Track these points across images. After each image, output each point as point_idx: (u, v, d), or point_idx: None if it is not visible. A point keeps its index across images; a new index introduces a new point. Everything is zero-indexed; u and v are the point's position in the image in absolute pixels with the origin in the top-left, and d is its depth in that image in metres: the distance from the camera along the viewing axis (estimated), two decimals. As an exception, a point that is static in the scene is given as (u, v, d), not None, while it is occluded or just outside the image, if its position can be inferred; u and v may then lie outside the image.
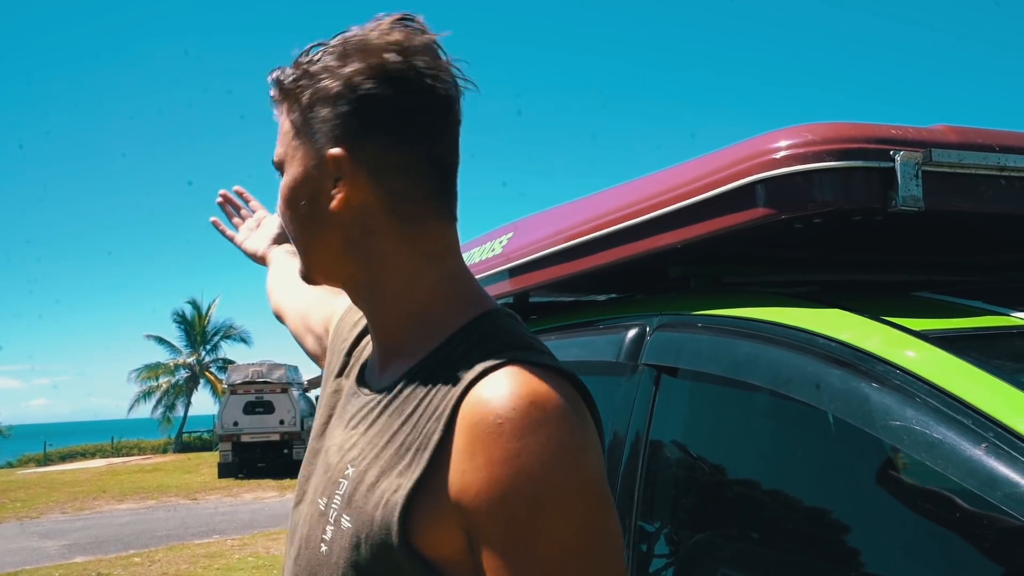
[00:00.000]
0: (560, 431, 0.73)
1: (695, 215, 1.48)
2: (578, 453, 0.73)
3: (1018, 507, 0.89)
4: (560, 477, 0.71)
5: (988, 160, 1.31)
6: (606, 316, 1.89)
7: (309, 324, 1.30)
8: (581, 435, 0.75)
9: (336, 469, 0.85)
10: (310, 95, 0.86)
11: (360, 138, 0.85)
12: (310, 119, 0.87)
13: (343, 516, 0.81)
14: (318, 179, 0.87)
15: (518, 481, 0.71)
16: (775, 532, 1.41)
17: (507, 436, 0.72)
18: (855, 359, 1.16)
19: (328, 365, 1.09)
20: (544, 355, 0.81)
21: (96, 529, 11.74)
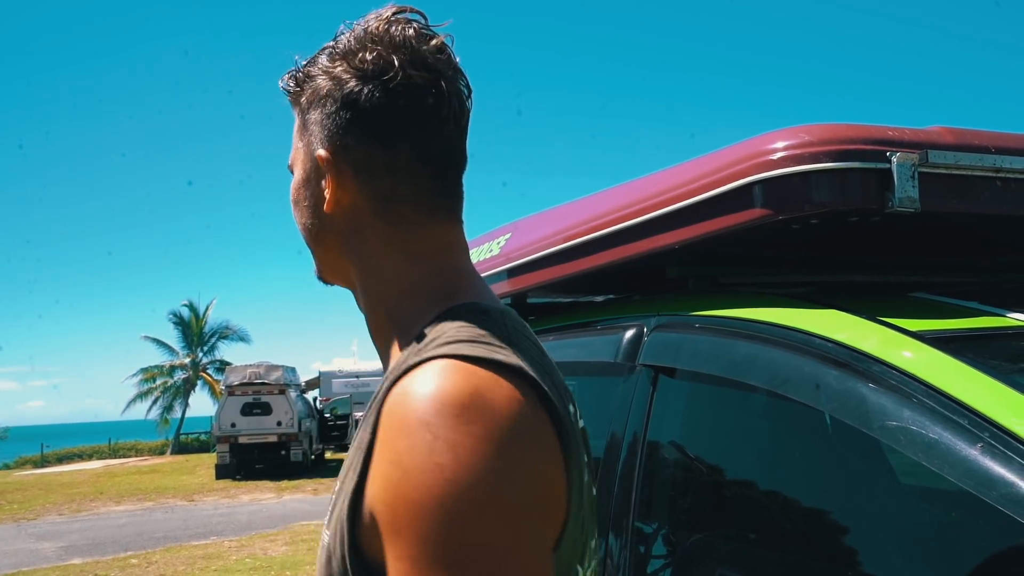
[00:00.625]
0: (458, 434, 0.65)
1: (693, 216, 1.49)
2: (479, 461, 0.65)
3: (1014, 506, 0.90)
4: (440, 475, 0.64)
5: (984, 161, 1.32)
6: (604, 317, 1.90)
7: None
8: (492, 441, 0.66)
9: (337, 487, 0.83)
10: (307, 96, 0.87)
11: (344, 139, 0.84)
12: (307, 120, 0.87)
13: (324, 532, 0.80)
14: (315, 180, 0.87)
15: (402, 482, 0.66)
16: (772, 532, 1.42)
17: (401, 433, 0.68)
18: (852, 359, 1.17)
19: None
20: (490, 349, 0.73)
21: (93, 531, 11.71)
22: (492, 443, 0.66)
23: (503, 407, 0.68)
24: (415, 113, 0.83)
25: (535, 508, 0.68)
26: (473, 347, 0.73)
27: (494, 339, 0.76)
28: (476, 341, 0.74)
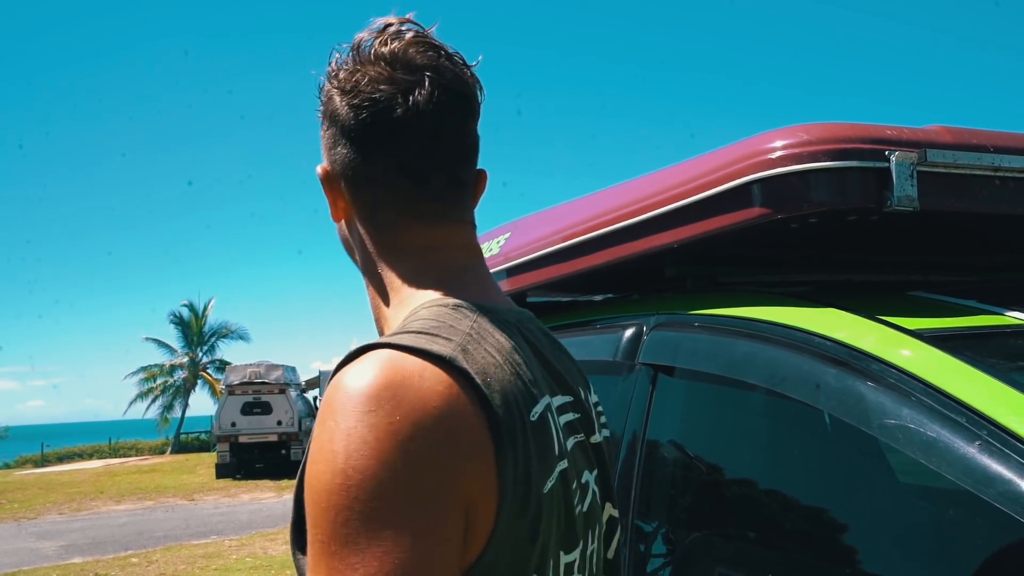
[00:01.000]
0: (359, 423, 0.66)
1: (691, 215, 1.49)
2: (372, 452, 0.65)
3: (1012, 504, 0.90)
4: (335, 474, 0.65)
5: (982, 160, 1.32)
6: (603, 316, 1.90)
7: None
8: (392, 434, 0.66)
9: None
10: (320, 112, 0.93)
11: (334, 152, 0.90)
12: (321, 134, 0.94)
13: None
14: (327, 192, 0.94)
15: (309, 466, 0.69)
16: (772, 531, 1.42)
17: (318, 420, 0.71)
18: (851, 358, 1.17)
19: None
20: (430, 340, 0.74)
21: (94, 530, 11.72)
22: (390, 436, 0.66)
23: (416, 400, 0.68)
24: (385, 126, 0.86)
25: (430, 505, 0.66)
26: (415, 337, 0.73)
27: (447, 332, 0.75)
28: (422, 332, 0.75)
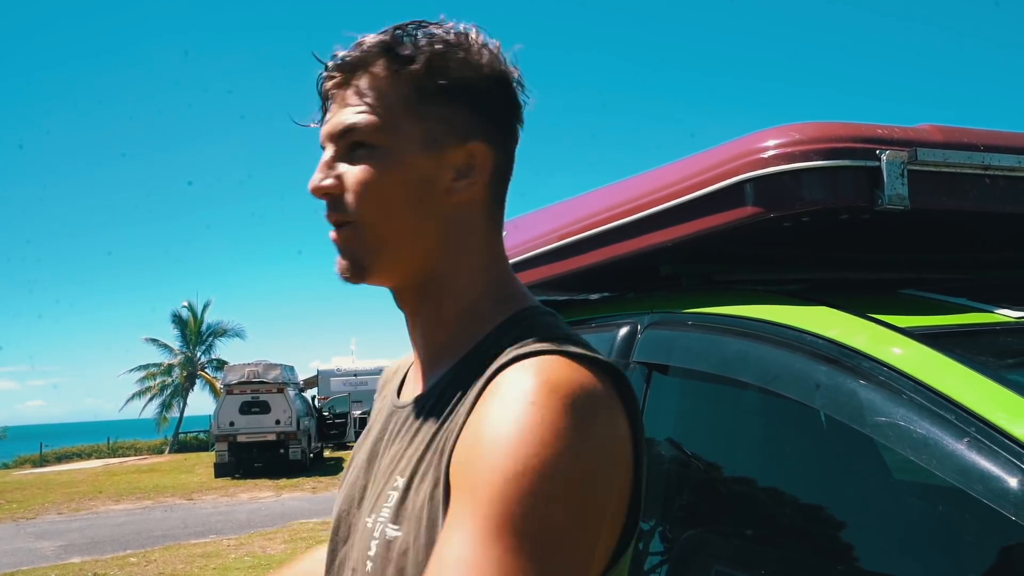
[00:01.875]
0: (564, 420, 0.67)
1: (685, 214, 1.50)
2: (571, 450, 0.66)
3: (1000, 501, 0.91)
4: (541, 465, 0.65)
5: (973, 159, 1.33)
6: (598, 314, 1.91)
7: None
8: (587, 433, 0.68)
9: (387, 483, 0.83)
10: (452, 75, 0.83)
11: (491, 135, 0.86)
12: (440, 100, 0.83)
13: (388, 527, 0.78)
14: (436, 168, 0.84)
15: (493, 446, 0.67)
16: (767, 528, 1.43)
17: (503, 406, 0.69)
18: (842, 356, 1.18)
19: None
20: (580, 346, 0.77)
21: (92, 529, 11.71)
22: (584, 434, 0.68)
23: (599, 402, 0.71)
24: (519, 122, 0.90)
25: (605, 504, 0.70)
26: (565, 344, 0.76)
27: (576, 337, 0.80)
28: (568, 340, 0.78)
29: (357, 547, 0.85)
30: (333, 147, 0.85)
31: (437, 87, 0.83)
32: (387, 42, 0.84)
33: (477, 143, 0.85)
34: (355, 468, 0.95)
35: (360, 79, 0.84)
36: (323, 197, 0.85)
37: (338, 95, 0.85)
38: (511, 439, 0.66)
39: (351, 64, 0.84)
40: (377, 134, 0.82)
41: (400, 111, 0.83)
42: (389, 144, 0.83)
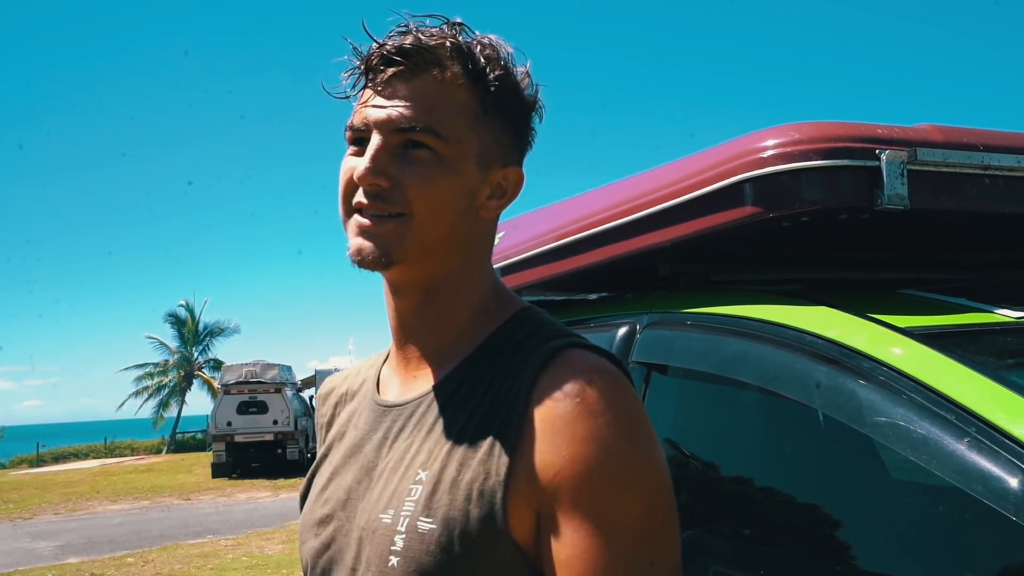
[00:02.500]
0: (635, 409, 0.77)
1: (684, 214, 1.49)
2: (650, 431, 0.78)
3: (999, 500, 0.91)
4: (639, 453, 0.75)
5: (972, 159, 1.33)
6: (597, 315, 1.90)
7: None
8: (646, 415, 0.79)
9: (405, 478, 0.83)
10: (507, 97, 0.86)
11: (521, 159, 0.91)
12: (498, 119, 0.86)
13: (419, 520, 0.78)
14: (480, 183, 0.86)
15: (602, 457, 0.74)
16: (766, 527, 1.43)
17: (589, 414, 0.75)
18: (842, 356, 1.18)
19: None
20: (590, 343, 0.84)
21: (89, 530, 11.68)
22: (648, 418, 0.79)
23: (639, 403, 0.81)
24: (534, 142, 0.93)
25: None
26: (582, 340, 0.84)
27: (577, 334, 0.86)
28: (578, 336, 0.85)
29: (365, 546, 0.83)
30: (384, 137, 0.83)
31: (496, 105, 0.86)
32: (462, 47, 0.84)
33: (514, 167, 0.89)
34: (329, 471, 0.94)
35: (430, 76, 0.83)
36: (370, 189, 0.83)
37: (399, 85, 0.83)
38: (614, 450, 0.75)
39: (424, 58, 0.83)
40: (445, 141, 0.83)
41: (465, 121, 0.84)
42: (453, 153, 0.83)
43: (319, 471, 0.98)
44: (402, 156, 0.83)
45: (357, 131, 0.85)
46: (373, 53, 0.84)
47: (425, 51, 0.83)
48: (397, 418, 0.90)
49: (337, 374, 1.11)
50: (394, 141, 0.83)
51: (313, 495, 0.95)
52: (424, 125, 0.82)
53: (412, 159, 0.83)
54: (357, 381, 1.04)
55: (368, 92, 0.85)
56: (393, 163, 0.83)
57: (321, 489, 0.94)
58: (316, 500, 0.94)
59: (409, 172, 0.83)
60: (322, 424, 1.06)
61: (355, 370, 1.08)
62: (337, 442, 0.97)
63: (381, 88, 0.84)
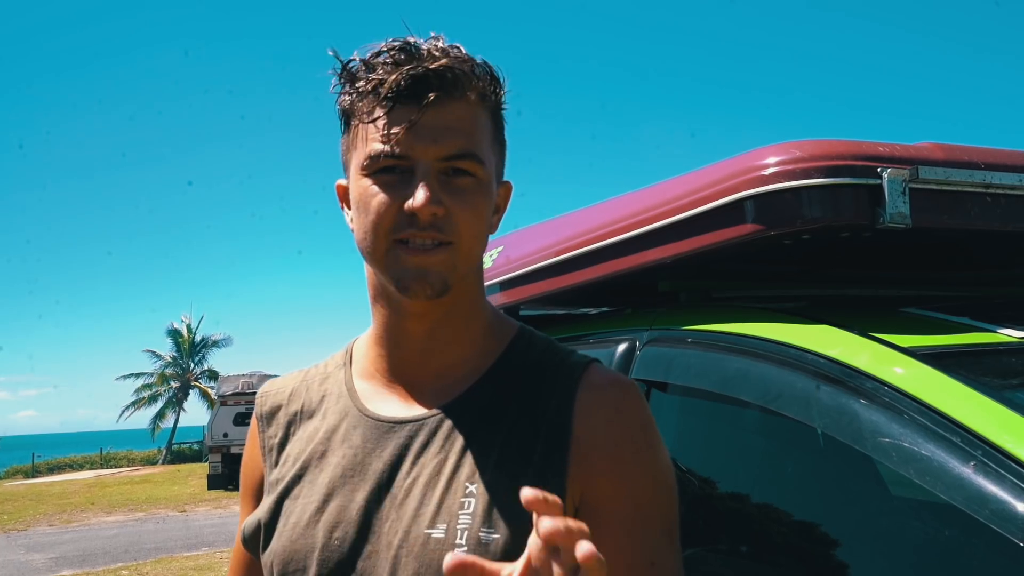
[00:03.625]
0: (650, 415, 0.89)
1: (685, 230, 1.49)
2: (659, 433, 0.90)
3: (1005, 524, 0.90)
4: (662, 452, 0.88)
5: (974, 177, 1.32)
6: (596, 330, 1.89)
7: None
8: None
9: (451, 492, 0.83)
10: (499, 114, 0.90)
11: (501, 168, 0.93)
12: (501, 137, 0.90)
13: (481, 532, 0.80)
14: (492, 199, 0.89)
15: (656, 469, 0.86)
16: (766, 547, 1.41)
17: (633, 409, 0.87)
18: (845, 376, 1.17)
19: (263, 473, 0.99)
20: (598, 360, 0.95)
21: (84, 542, 11.62)
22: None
23: None
24: None
25: None
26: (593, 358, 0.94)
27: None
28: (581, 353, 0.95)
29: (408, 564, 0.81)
30: (431, 165, 0.82)
31: (499, 125, 0.89)
32: (485, 69, 0.86)
33: (507, 182, 0.93)
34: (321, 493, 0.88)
35: (464, 100, 0.84)
36: (429, 220, 0.82)
37: (439, 110, 0.82)
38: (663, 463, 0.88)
39: (460, 82, 0.83)
40: (483, 165, 0.85)
41: (488, 143, 0.87)
42: (487, 176, 0.86)
43: (291, 495, 0.91)
44: (446, 183, 0.83)
45: (394, 159, 0.83)
46: (401, 76, 0.82)
47: (460, 74, 0.83)
48: (416, 433, 0.88)
49: (271, 391, 1.03)
50: (438, 168, 0.83)
51: (299, 520, 0.89)
52: (469, 152, 0.83)
53: (456, 186, 0.83)
54: (312, 397, 0.99)
55: (394, 116, 0.82)
56: (442, 191, 0.82)
57: (316, 512, 0.88)
58: (309, 525, 0.88)
59: (457, 200, 0.83)
60: (272, 446, 0.98)
61: (296, 385, 1.02)
62: (316, 462, 0.92)
63: (422, 115, 0.82)
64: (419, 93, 0.82)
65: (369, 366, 0.96)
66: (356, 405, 0.93)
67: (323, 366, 1.03)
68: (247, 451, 1.04)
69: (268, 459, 0.98)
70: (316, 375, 1.02)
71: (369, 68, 0.84)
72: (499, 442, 0.85)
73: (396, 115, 0.82)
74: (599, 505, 0.83)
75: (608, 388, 0.88)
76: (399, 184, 0.83)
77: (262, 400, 1.03)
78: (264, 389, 1.04)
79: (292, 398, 1.00)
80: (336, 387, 0.97)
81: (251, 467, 1.02)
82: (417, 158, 0.82)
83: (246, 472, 1.04)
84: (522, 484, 0.78)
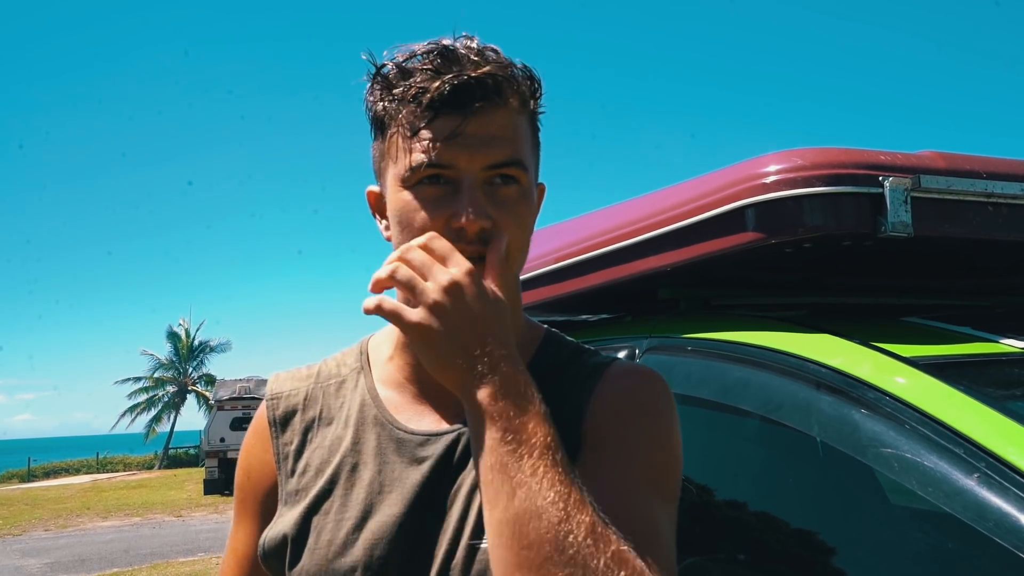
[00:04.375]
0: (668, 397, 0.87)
1: (685, 238, 1.48)
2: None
3: (1010, 537, 0.89)
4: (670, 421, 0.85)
5: (976, 186, 1.32)
6: (595, 337, 1.89)
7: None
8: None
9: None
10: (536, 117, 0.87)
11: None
12: (538, 140, 0.88)
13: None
14: (534, 205, 0.88)
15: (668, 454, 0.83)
16: (765, 557, 1.40)
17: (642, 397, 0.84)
18: (847, 386, 1.16)
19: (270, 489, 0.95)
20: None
21: (79, 547, 11.57)
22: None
23: None
24: None
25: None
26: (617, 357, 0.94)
27: None
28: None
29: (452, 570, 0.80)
30: (476, 176, 0.80)
31: (537, 130, 0.87)
32: (525, 74, 0.83)
33: (541, 183, 0.91)
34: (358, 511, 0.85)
35: (505, 107, 0.82)
36: (477, 235, 0.80)
37: (484, 118, 0.80)
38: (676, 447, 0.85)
39: (503, 89, 0.81)
40: (527, 173, 0.83)
41: (530, 149, 0.85)
42: (529, 183, 0.84)
43: (320, 509, 0.87)
44: (491, 194, 0.81)
45: (438, 168, 0.80)
46: (443, 84, 0.79)
47: (503, 81, 0.81)
48: (453, 445, 0.85)
49: (283, 393, 0.98)
50: (484, 178, 0.81)
51: (333, 538, 0.85)
52: (515, 160, 0.81)
53: (502, 197, 0.81)
54: (331, 403, 0.95)
55: (437, 125, 0.80)
56: (489, 202, 0.80)
57: (353, 530, 0.84)
58: (347, 544, 0.83)
59: (504, 211, 0.81)
60: (288, 453, 0.93)
61: (310, 388, 0.97)
62: (347, 475, 0.88)
63: (467, 124, 0.79)
64: (463, 102, 0.79)
65: (396, 373, 0.92)
66: (386, 417, 0.90)
67: (335, 366, 0.99)
68: (250, 456, 0.98)
69: (283, 467, 0.93)
70: (330, 378, 0.97)
71: (405, 74, 0.82)
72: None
73: (439, 125, 0.79)
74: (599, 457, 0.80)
75: (623, 376, 0.86)
76: (443, 197, 0.80)
77: (274, 403, 0.97)
78: (274, 390, 0.98)
79: (308, 403, 0.96)
80: (358, 394, 0.93)
81: (260, 472, 0.96)
82: (463, 168, 0.80)
83: (251, 478, 0.97)
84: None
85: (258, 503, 0.96)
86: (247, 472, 0.98)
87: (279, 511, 0.91)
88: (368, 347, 0.98)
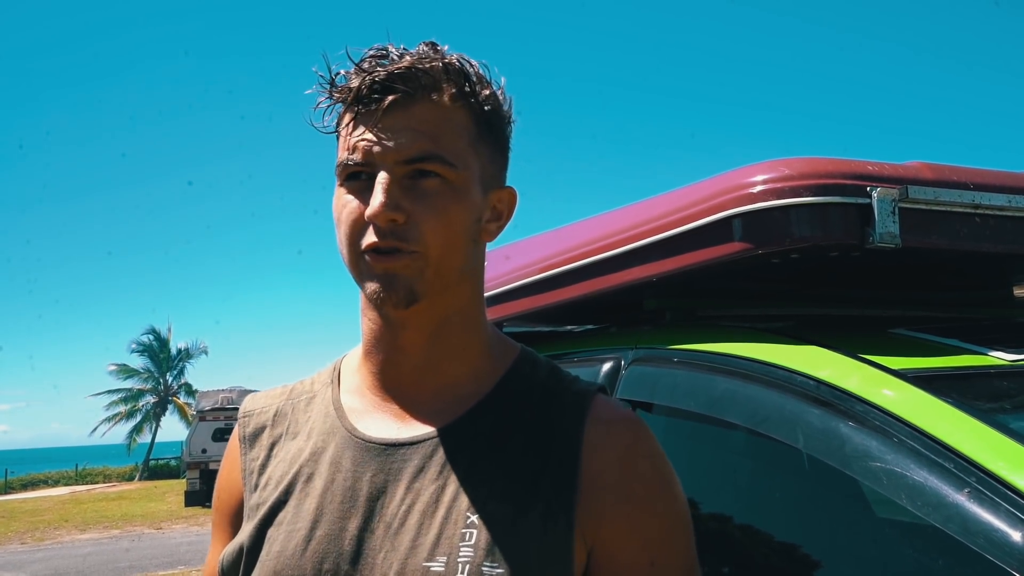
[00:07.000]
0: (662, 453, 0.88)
1: (671, 248, 1.47)
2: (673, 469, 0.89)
3: (1001, 554, 0.87)
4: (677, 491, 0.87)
5: (963, 198, 1.31)
6: (581, 349, 1.87)
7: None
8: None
9: (450, 523, 0.78)
10: (497, 117, 0.86)
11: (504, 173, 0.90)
12: (492, 138, 0.86)
13: (484, 566, 0.75)
14: (483, 207, 0.86)
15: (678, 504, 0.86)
16: (750, 572, 1.38)
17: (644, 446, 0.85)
18: (834, 398, 1.14)
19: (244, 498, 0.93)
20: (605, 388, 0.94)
21: (57, 560, 11.38)
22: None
23: None
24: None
25: None
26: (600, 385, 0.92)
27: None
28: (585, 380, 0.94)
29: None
30: (390, 170, 0.79)
31: (489, 126, 0.85)
32: (456, 67, 0.82)
33: (509, 187, 0.89)
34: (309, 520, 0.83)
35: (428, 101, 0.81)
36: (387, 226, 0.79)
37: (399, 113, 0.80)
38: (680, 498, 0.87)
39: (421, 82, 0.80)
40: (452, 167, 0.81)
41: (467, 145, 0.83)
42: (460, 179, 0.81)
43: (274, 520, 0.85)
44: (411, 188, 0.80)
45: (357, 165, 0.81)
46: (363, 82, 0.80)
47: (422, 74, 0.80)
48: (411, 456, 0.82)
49: (255, 411, 0.97)
50: (401, 172, 0.80)
51: (283, 549, 0.82)
52: (432, 153, 0.79)
53: (422, 190, 0.80)
54: (299, 419, 0.93)
55: (357, 122, 0.81)
56: (404, 196, 0.79)
57: (303, 541, 0.82)
58: (295, 555, 0.81)
59: (421, 204, 0.80)
60: (253, 469, 0.92)
61: (281, 405, 0.96)
62: (301, 485, 0.86)
63: (380, 118, 0.80)
64: (379, 97, 0.80)
65: (360, 383, 0.90)
66: (344, 425, 0.88)
67: (309, 384, 0.97)
68: (224, 473, 0.97)
69: (248, 482, 0.92)
70: (302, 394, 0.96)
71: (344, 78, 0.83)
72: (502, 471, 0.81)
73: (359, 121, 0.81)
74: (615, 553, 0.80)
75: (617, 424, 0.85)
76: (363, 192, 0.81)
77: (245, 421, 0.96)
78: (247, 408, 0.98)
79: (277, 419, 0.95)
80: (323, 406, 0.92)
81: (229, 490, 0.95)
82: (376, 163, 0.80)
83: (222, 496, 0.96)
84: (529, 516, 0.77)
85: (228, 521, 0.94)
86: (219, 490, 0.97)
87: (243, 526, 0.88)
88: (341, 363, 0.97)
